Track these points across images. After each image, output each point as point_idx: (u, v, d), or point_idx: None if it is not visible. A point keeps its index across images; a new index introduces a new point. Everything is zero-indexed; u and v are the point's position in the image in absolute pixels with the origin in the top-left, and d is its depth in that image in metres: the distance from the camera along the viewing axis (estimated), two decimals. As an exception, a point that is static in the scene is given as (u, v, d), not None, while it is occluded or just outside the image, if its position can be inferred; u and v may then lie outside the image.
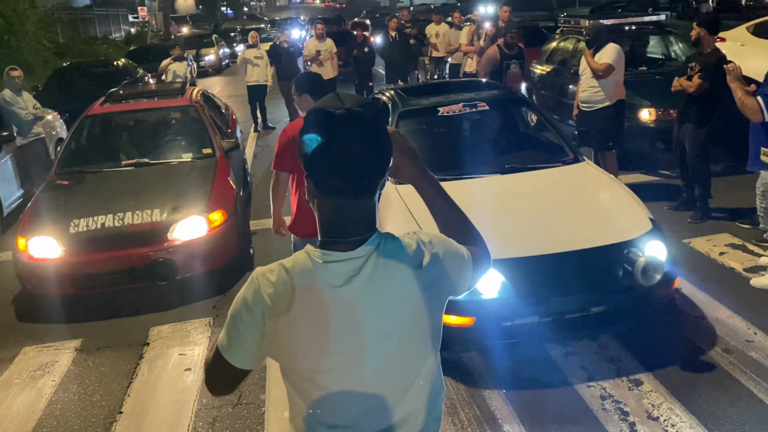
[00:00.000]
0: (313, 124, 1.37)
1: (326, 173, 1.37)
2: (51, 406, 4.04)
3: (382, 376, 1.43)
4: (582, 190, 4.79)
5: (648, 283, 3.81)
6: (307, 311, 1.37)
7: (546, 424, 3.52)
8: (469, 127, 5.77)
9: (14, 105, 8.03)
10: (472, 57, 10.80)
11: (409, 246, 1.45)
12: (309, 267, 1.39)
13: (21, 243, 5.24)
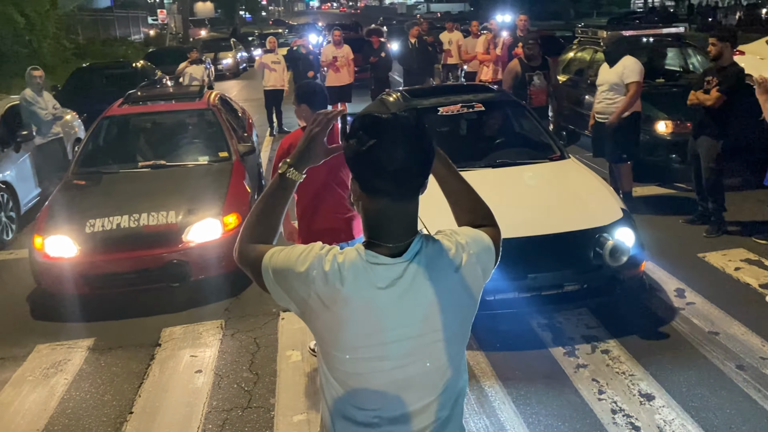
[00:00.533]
0: (361, 128, 1.45)
1: (373, 174, 1.44)
2: (63, 405, 4.07)
3: (415, 372, 1.51)
4: (563, 183, 5.30)
5: (615, 264, 4.30)
6: (352, 306, 1.46)
7: (521, 381, 3.97)
8: (466, 126, 6.36)
9: (35, 104, 8.13)
10: (488, 66, 10.80)
11: (449, 249, 1.54)
12: (358, 266, 1.47)
13: (37, 241, 5.29)
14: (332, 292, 1.46)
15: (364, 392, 1.51)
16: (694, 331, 4.44)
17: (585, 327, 4.58)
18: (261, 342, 4.66)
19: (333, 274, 1.46)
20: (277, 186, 1.66)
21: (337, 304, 1.46)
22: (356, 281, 1.46)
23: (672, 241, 6.03)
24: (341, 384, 1.53)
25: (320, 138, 1.66)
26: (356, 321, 1.46)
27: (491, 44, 10.72)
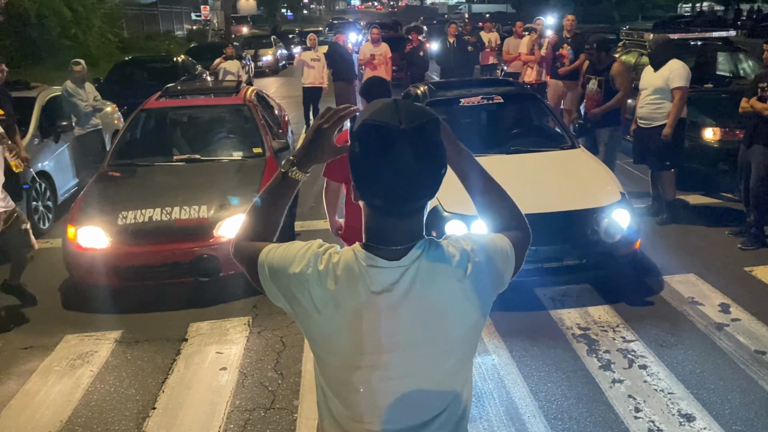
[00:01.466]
0: (365, 138, 1.32)
1: (373, 192, 1.35)
2: (87, 397, 4.06)
3: (412, 386, 1.41)
4: (569, 169, 5.71)
5: (610, 240, 4.83)
6: (343, 309, 1.36)
7: (554, 396, 3.88)
8: (485, 116, 6.82)
9: (75, 96, 8.22)
10: (532, 67, 10.60)
11: (453, 256, 1.41)
12: (353, 268, 1.37)
13: (70, 232, 5.31)
14: (324, 293, 1.37)
15: (359, 404, 1.42)
16: (740, 349, 4.22)
17: (622, 340, 4.40)
18: (287, 341, 4.59)
19: (326, 273, 1.37)
20: (279, 184, 1.55)
21: (329, 306, 1.37)
22: (349, 283, 1.36)
23: (717, 254, 5.78)
24: (336, 393, 1.45)
25: (329, 134, 1.52)
26: (348, 326, 1.37)
27: (536, 45, 10.51)
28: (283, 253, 1.43)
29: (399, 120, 1.28)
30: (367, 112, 1.35)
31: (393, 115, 1.30)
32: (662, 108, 6.34)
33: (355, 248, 1.40)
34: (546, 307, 4.91)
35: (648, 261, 5.66)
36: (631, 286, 5.19)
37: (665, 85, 6.28)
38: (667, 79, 6.26)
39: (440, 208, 4.97)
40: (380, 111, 1.33)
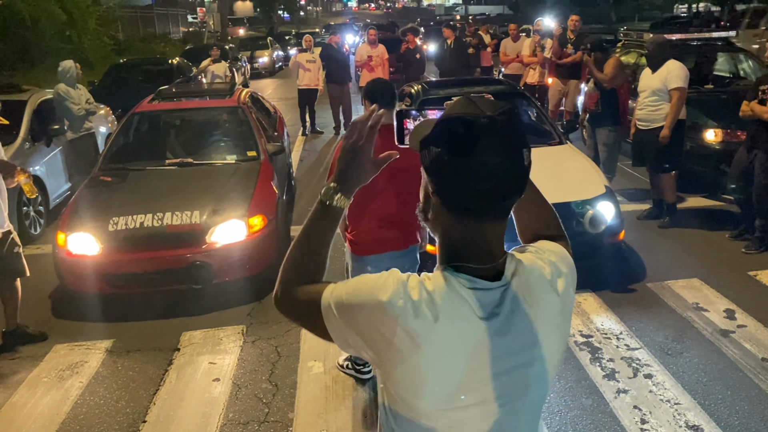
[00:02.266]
0: (448, 134, 1.18)
1: (463, 192, 1.19)
2: (75, 410, 3.93)
3: (511, 410, 1.27)
4: (556, 163, 5.81)
5: (594, 231, 4.99)
6: (450, 344, 1.18)
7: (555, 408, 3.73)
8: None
9: (68, 99, 8.08)
10: (534, 68, 10.51)
11: (543, 269, 1.30)
12: (453, 293, 1.20)
13: (60, 238, 5.19)
14: (425, 326, 1.16)
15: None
16: (746, 357, 4.11)
17: (626, 348, 4.28)
18: (282, 351, 4.47)
19: (425, 303, 1.17)
20: (322, 216, 1.37)
21: (429, 341, 1.17)
22: (453, 312, 1.18)
23: (721, 257, 5.68)
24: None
25: (367, 150, 1.37)
26: (453, 361, 1.18)
27: (538, 46, 10.42)
28: (355, 288, 1.24)
29: (480, 109, 1.17)
30: (443, 115, 1.24)
31: (471, 106, 1.19)
32: (660, 110, 6.24)
33: (445, 273, 1.22)
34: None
35: (650, 265, 5.55)
36: (634, 291, 5.09)
37: (663, 87, 6.18)
38: (665, 81, 6.16)
39: None
40: (456, 106, 1.21)
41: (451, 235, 1.25)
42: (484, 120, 1.15)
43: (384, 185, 3.62)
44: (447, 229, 1.26)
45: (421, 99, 6.82)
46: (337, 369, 4.16)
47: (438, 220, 1.26)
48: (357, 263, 3.77)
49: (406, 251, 3.77)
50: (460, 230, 1.23)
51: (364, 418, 3.70)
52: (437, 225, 1.27)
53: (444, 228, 1.26)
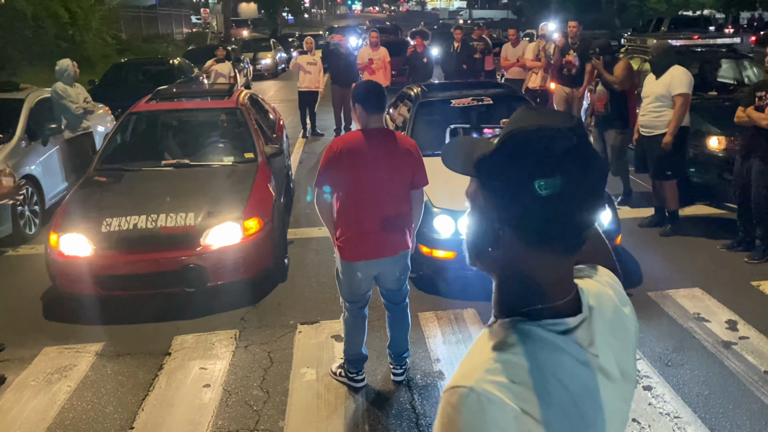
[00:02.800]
0: (528, 150, 0.98)
1: (545, 219, 0.99)
2: (62, 415, 3.85)
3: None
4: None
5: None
6: (563, 402, 0.99)
7: None
8: (475, 116, 6.81)
9: (65, 98, 8.01)
10: (537, 73, 10.42)
11: (609, 293, 1.15)
12: (548, 349, 1.00)
13: (53, 239, 5.12)
14: (534, 403, 0.96)
15: None
16: (749, 370, 4.02)
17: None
18: (275, 356, 4.39)
19: (524, 388, 0.96)
20: None
21: (554, 412, 0.97)
22: (557, 367, 0.99)
23: (722, 267, 5.59)
24: None
25: None
26: (570, 417, 0.99)
27: (542, 51, 10.33)
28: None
29: (555, 121, 1.00)
30: (510, 128, 1.01)
31: (542, 118, 1.02)
32: (663, 116, 6.15)
33: (522, 326, 1.02)
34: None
35: (651, 273, 5.46)
36: (634, 300, 4.99)
37: (667, 92, 6.10)
38: (669, 86, 6.08)
39: (429, 203, 4.98)
40: (523, 118, 1.02)
41: (523, 272, 1.04)
42: (568, 132, 0.98)
43: (373, 190, 3.55)
44: (518, 265, 1.04)
45: (420, 101, 6.76)
46: (330, 376, 4.08)
47: (504, 256, 1.05)
48: (346, 269, 3.70)
49: (395, 257, 3.69)
50: (537, 265, 1.03)
51: (356, 427, 3.62)
52: (501, 262, 1.06)
53: (514, 264, 1.04)
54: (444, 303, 5.05)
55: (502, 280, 1.08)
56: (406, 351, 4.01)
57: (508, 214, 1.01)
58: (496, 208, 1.02)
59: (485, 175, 1.03)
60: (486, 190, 1.04)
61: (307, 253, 6.20)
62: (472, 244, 1.09)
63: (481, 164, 1.03)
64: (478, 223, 1.07)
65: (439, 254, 5.08)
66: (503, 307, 1.07)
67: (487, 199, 1.03)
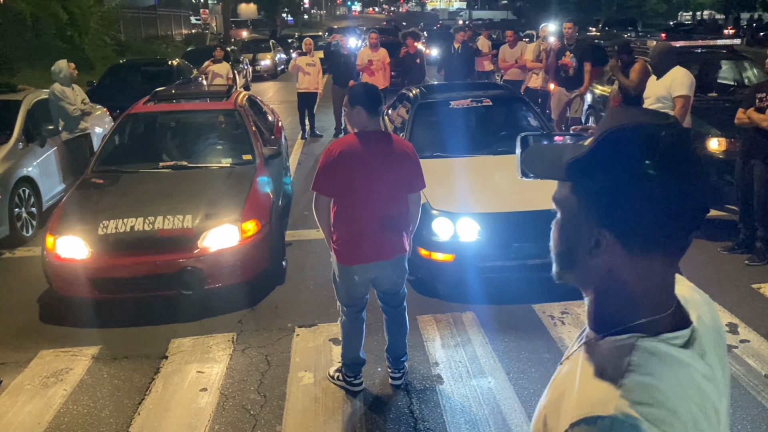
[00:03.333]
0: (632, 148, 0.92)
1: (655, 221, 0.92)
2: (58, 419, 3.82)
3: None
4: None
5: None
6: (698, 421, 0.92)
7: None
8: (474, 118, 6.92)
9: (63, 99, 7.99)
10: (537, 73, 10.39)
11: (703, 303, 1.08)
12: (675, 366, 0.93)
13: (49, 241, 5.09)
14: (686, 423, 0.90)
15: None
16: (749, 374, 4.00)
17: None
18: (272, 360, 4.36)
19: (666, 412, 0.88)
20: None
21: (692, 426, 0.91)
22: (690, 385, 0.93)
23: (723, 270, 5.57)
24: None
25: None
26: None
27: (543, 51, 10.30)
28: None
29: (653, 118, 0.95)
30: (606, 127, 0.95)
31: (640, 116, 0.96)
32: (666, 118, 6.12)
33: (643, 342, 0.94)
34: (545, 326, 4.68)
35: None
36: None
37: (668, 94, 6.07)
38: (669, 88, 6.05)
39: (428, 205, 4.96)
40: (620, 117, 0.96)
41: (626, 281, 0.96)
42: (669, 128, 0.93)
43: (370, 193, 3.52)
44: (621, 274, 0.96)
45: (419, 103, 6.74)
46: (328, 380, 4.05)
47: (604, 265, 0.97)
48: (343, 272, 3.67)
49: (392, 261, 3.66)
50: (642, 272, 0.95)
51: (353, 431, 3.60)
52: (600, 271, 0.98)
53: (616, 273, 0.97)
54: (442, 306, 5.02)
55: (601, 291, 1.00)
56: (405, 355, 3.98)
57: (610, 217, 0.94)
58: (595, 212, 0.96)
59: (581, 177, 0.97)
60: (581, 193, 0.98)
61: (305, 255, 6.17)
62: (564, 254, 1.04)
63: (575, 166, 0.97)
64: (571, 230, 1.01)
65: (437, 257, 5.05)
66: (605, 322, 0.99)
67: (583, 203, 0.97)
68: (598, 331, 1.00)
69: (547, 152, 1.08)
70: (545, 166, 1.05)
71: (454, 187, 5.40)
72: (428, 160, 5.18)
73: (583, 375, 0.96)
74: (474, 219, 5.01)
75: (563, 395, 0.97)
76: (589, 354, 0.98)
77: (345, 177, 3.51)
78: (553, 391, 1.03)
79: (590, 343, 1.00)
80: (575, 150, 0.98)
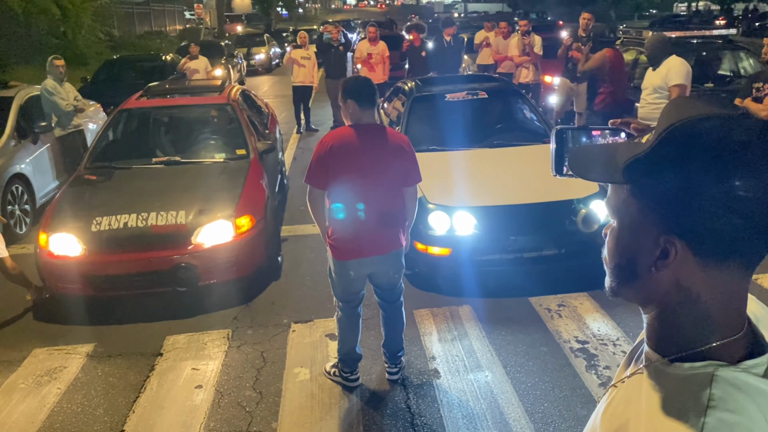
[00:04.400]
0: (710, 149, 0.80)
1: (735, 226, 0.80)
2: (52, 418, 3.78)
3: None
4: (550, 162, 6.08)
5: (588, 231, 4.91)
6: None
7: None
8: (470, 111, 6.77)
9: (55, 95, 7.92)
10: (527, 67, 10.31)
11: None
12: (761, 395, 0.81)
13: (42, 238, 5.05)
14: None
15: None
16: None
17: (623, 354, 4.14)
18: (268, 356, 4.32)
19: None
20: None
21: None
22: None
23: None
24: None
25: None
26: None
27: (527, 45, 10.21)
28: None
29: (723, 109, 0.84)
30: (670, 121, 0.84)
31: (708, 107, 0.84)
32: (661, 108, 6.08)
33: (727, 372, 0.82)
34: (542, 319, 4.65)
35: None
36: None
37: (664, 84, 6.04)
38: (665, 78, 6.01)
39: (424, 199, 4.93)
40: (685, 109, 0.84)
41: (698, 296, 0.84)
42: (743, 120, 0.82)
43: (365, 187, 3.48)
44: (691, 287, 0.84)
45: (414, 96, 6.67)
46: (324, 376, 4.02)
47: (672, 278, 0.85)
48: (338, 268, 3.63)
49: (388, 256, 3.62)
50: (716, 286, 0.84)
51: (351, 427, 3.56)
52: (666, 285, 0.86)
53: (685, 287, 0.85)
54: (439, 300, 4.99)
55: (667, 308, 0.88)
56: (401, 350, 3.95)
57: (680, 223, 0.82)
58: (661, 217, 0.84)
59: (643, 179, 0.85)
60: (644, 197, 0.86)
61: (301, 250, 6.13)
62: (623, 267, 0.91)
63: (636, 166, 0.85)
64: (631, 239, 0.89)
65: (434, 251, 5.01)
66: (673, 344, 0.87)
67: (647, 208, 0.85)
68: (663, 353, 0.89)
69: (598, 152, 0.97)
70: (597, 168, 0.93)
71: (451, 181, 5.36)
72: (424, 154, 5.14)
73: (650, 408, 0.84)
74: (470, 212, 4.97)
75: (624, 428, 0.87)
76: (656, 382, 0.87)
77: (338, 170, 3.47)
78: (610, 422, 0.92)
79: (656, 368, 0.88)
80: (631, 149, 0.87)
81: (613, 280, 0.94)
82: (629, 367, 0.99)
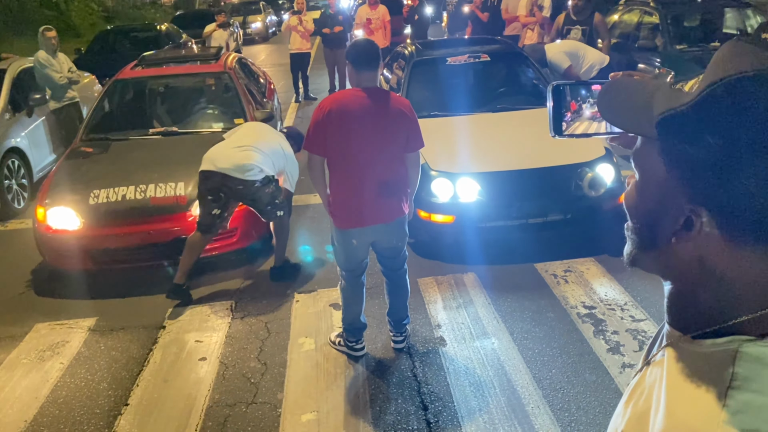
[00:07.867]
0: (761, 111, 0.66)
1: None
2: (55, 393, 3.75)
3: None
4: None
5: (594, 194, 4.85)
6: None
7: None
8: (472, 75, 6.65)
9: (49, 67, 7.76)
10: (532, 29, 10.10)
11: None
12: None
13: (40, 212, 4.97)
14: None
15: None
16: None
17: (631, 319, 4.09)
18: (272, 327, 4.28)
19: None
20: None
21: None
22: None
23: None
24: None
25: None
26: None
27: (535, 6, 9.98)
28: None
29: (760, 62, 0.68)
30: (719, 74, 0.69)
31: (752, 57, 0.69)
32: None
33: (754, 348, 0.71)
34: (548, 285, 4.60)
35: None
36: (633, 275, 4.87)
37: None
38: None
39: (427, 166, 4.85)
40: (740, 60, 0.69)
41: (722, 272, 0.74)
42: None
43: (365, 153, 3.39)
44: (715, 263, 0.74)
45: (414, 60, 6.54)
46: (329, 346, 3.98)
47: (693, 252, 0.75)
48: (340, 236, 3.56)
49: (392, 224, 3.55)
50: (742, 264, 0.72)
51: (357, 397, 3.53)
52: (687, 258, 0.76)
53: (708, 262, 0.74)
54: (443, 268, 4.93)
55: (687, 283, 0.78)
56: (406, 318, 3.90)
57: (712, 195, 0.70)
58: (690, 185, 0.72)
59: (677, 138, 0.72)
60: (674, 159, 0.73)
61: (303, 220, 6.05)
62: (641, 231, 0.82)
63: (672, 122, 0.72)
64: (652, 202, 0.79)
65: (437, 218, 4.94)
66: (694, 320, 0.78)
67: (676, 171, 0.73)
68: (683, 330, 0.80)
69: (634, 90, 0.80)
70: (629, 112, 0.79)
71: (453, 147, 5.26)
72: (426, 120, 5.03)
73: (670, 389, 0.76)
74: (474, 179, 4.88)
75: (646, 415, 0.78)
76: (677, 362, 0.78)
77: (337, 135, 3.37)
78: (635, 408, 0.83)
79: (677, 347, 0.79)
80: (671, 97, 0.73)
81: (634, 247, 0.84)
82: (654, 349, 0.89)
